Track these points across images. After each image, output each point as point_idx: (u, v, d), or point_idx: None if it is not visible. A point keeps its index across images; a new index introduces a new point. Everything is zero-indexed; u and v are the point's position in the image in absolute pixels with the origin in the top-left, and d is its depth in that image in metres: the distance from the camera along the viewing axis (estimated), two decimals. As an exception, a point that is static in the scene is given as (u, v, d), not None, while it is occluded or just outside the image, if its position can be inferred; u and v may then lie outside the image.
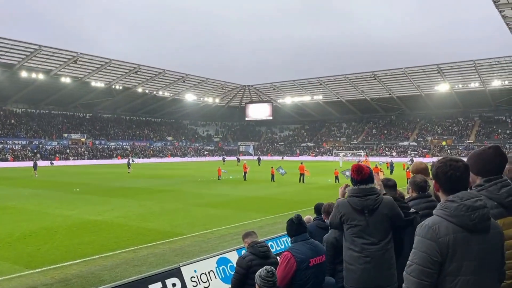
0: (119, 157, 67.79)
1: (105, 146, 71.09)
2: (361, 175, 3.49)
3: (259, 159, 61.89)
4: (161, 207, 18.35)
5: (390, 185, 4.16)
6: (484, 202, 2.09)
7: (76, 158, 63.62)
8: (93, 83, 63.73)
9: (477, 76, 60.30)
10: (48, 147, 63.69)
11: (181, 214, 16.59)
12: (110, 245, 11.67)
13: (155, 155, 74.38)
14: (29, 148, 61.33)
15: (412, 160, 47.71)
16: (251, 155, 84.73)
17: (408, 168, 35.04)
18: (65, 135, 68.41)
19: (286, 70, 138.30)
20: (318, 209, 5.77)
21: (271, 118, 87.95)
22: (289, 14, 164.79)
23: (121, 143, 74.20)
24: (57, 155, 62.17)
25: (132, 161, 50.97)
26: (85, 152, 66.36)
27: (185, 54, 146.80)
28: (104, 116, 78.89)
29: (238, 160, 62.97)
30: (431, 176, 2.61)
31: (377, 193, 3.51)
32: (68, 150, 65.02)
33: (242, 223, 14.63)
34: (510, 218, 2.43)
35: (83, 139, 69.93)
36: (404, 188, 6.85)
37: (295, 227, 3.93)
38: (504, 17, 29.41)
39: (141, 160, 67.72)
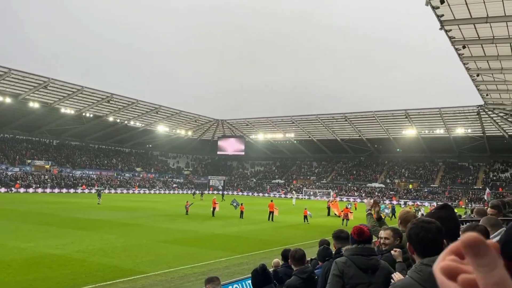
0: (83, 186, 65.67)
1: (70, 174, 68.86)
2: (363, 236, 3.48)
3: (222, 194, 61.27)
4: (124, 242, 17.66)
5: (343, 237, 4.12)
6: None
7: (38, 185, 61.17)
8: (63, 110, 62.38)
9: (442, 123, 62.79)
10: (10, 173, 61.07)
11: (145, 251, 16.00)
12: (66, 282, 11.04)
13: (122, 186, 72.48)
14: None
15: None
16: (220, 190, 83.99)
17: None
18: (29, 161, 65.94)
19: (257, 108, 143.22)
20: (285, 255, 5.64)
21: (243, 153, 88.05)
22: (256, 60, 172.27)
23: (87, 172, 72.10)
24: (18, 181, 59.62)
25: (103, 191, 49.91)
26: (48, 180, 63.96)
27: (156, 87, 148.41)
28: (72, 144, 76.88)
29: (202, 194, 61.78)
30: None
31: (377, 254, 3.52)
32: (30, 177, 62.51)
33: (208, 263, 14.22)
34: None
35: (47, 166, 67.55)
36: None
37: (260, 278, 3.79)
38: (468, 69, 31.08)
39: (107, 191, 65.85)
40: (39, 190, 59.93)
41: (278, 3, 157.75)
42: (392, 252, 3.82)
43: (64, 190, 62.17)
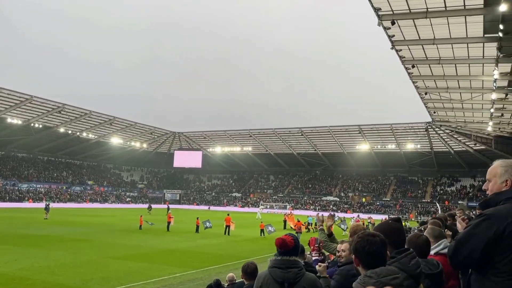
0: (30, 200, 62.32)
1: (16, 187, 65.19)
2: (285, 247, 3.38)
3: (168, 207, 60.19)
4: (73, 259, 16.83)
5: (248, 272, 4.13)
6: (401, 280, 2.12)
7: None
8: (9, 120, 59.16)
9: (393, 139, 65.30)
10: None
11: (95, 267, 15.31)
12: (7, 303, 10.33)
13: (72, 200, 69.46)
14: None
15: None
16: (177, 203, 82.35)
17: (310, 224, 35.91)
18: (-30, 173, 61.89)
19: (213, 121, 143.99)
20: None
21: (200, 166, 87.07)
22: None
23: (34, 185, 68.56)
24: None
25: (50, 205, 47.61)
26: (-9, 193, 60.21)
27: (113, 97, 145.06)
28: (19, 156, 72.99)
29: (150, 208, 60.38)
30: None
31: (299, 266, 3.41)
32: (-29, 190, 58.61)
33: (161, 278, 13.83)
34: None
35: (-10, 179, 63.65)
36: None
37: None
38: (417, 87, 32.59)
39: (56, 205, 62.73)
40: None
41: (226, 25, 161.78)
42: (317, 267, 3.84)
43: (9, 205, 58.71)
